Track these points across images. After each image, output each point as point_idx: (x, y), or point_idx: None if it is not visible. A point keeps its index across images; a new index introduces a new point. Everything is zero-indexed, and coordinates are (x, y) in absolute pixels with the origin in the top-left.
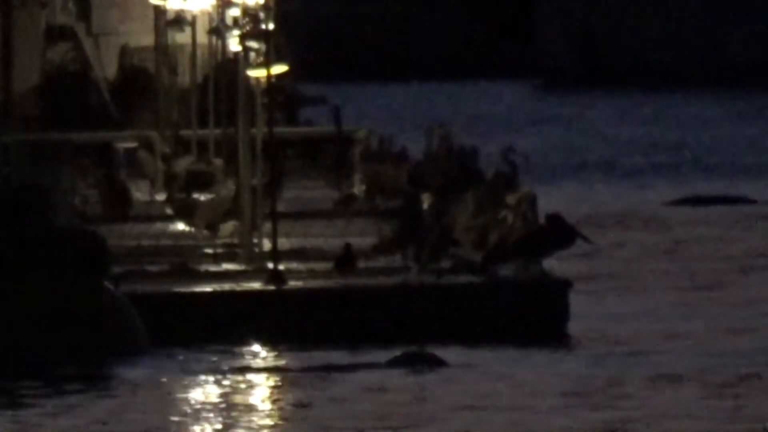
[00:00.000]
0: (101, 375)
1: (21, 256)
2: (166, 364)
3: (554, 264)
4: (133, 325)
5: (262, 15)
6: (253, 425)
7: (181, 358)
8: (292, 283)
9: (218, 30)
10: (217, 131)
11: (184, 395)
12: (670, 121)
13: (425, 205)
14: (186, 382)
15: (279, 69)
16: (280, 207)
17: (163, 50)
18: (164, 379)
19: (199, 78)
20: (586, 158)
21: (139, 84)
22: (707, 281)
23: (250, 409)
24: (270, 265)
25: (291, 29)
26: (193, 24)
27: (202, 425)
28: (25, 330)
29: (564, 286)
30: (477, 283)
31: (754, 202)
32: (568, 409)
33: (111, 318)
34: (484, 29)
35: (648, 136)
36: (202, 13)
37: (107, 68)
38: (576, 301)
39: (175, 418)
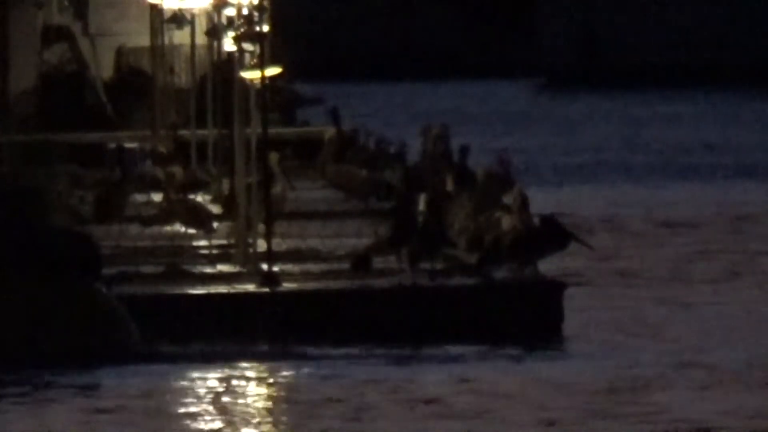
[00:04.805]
0: (92, 378)
1: (12, 257)
2: (157, 366)
3: (549, 266)
4: (125, 328)
5: (256, 16)
6: (246, 428)
7: (173, 360)
8: (286, 285)
9: (215, 30)
10: (216, 132)
11: (177, 397)
12: (672, 121)
13: (421, 206)
14: (178, 385)
15: (273, 71)
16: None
17: (159, 50)
18: (156, 382)
19: (197, 78)
20: (587, 158)
21: (136, 84)
22: (705, 282)
23: (244, 411)
24: (264, 267)
25: (289, 29)
26: (192, 23)
27: (194, 428)
28: (16, 332)
29: (558, 287)
30: (471, 284)
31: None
32: (563, 411)
33: (102, 320)
34: (484, 28)
35: (649, 136)
36: (201, 12)
37: (104, 69)
38: (570, 303)
39: (168, 421)
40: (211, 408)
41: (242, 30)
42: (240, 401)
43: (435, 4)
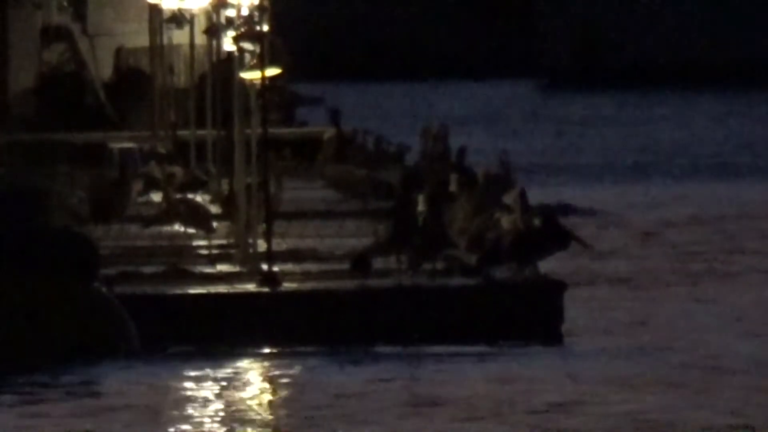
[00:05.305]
0: (92, 378)
1: (12, 257)
2: (158, 366)
3: (549, 266)
4: (124, 327)
5: (256, 16)
6: (246, 428)
7: (173, 360)
8: (287, 285)
9: (214, 30)
10: (215, 132)
11: (177, 397)
12: (671, 120)
13: (421, 206)
14: (178, 385)
15: (272, 71)
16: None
17: (159, 50)
18: (156, 381)
19: (196, 78)
20: (586, 158)
21: (135, 84)
22: (705, 282)
23: (244, 411)
24: (265, 267)
25: (288, 29)
26: (191, 23)
27: (194, 428)
28: (15, 332)
29: (559, 287)
30: (471, 285)
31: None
32: (563, 410)
33: (102, 320)
34: (485, 28)
35: (649, 136)
36: (200, 12)
37: (103, 69)
38: (570, 303)
39: (168, 421)
40: (211, 408)
41: (242, 30)
42: (240, 401)
43: (435, 5)
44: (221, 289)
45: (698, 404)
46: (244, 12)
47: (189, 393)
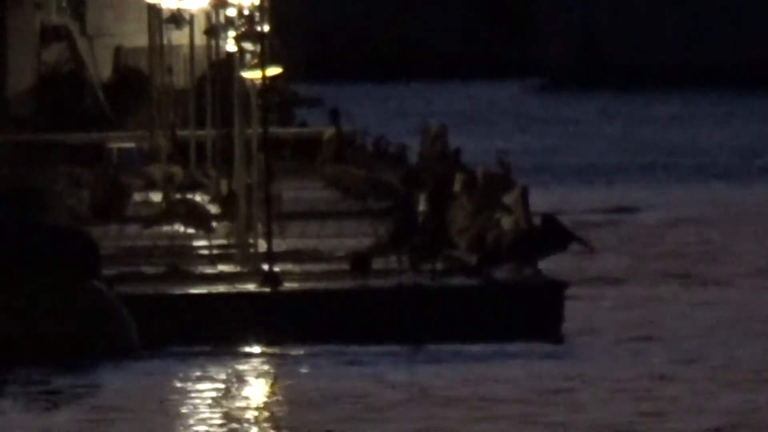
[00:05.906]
0: (92, 378)
1: (12, 255)
2: (159, 366)
3: (549, 266)
4: (124, 327)
5: (257, 16)
6: (247, 427)
7: (175, 360)
8: (288, 285)
9: (214, 30)
10: (215, 132)
11: (177, 396)
12: (671, 121)
13: (421, 206)
14: (179, 384)
15: (273, 71)
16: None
17: (158, 50)
18: (157, 382)
19: (195, 78)
20: (586, 158)
21: (134, 85)
22: (705, 282)
23: (245, 410)
24: (265, 267)
25: (288, 29)
26: (190, 23)
27: (195, 427)
28: (16, 331)
29: (558, 287)
30: (472, 284)
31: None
32: (563, 409)
33: (101, 319)
34: (484, 29)
35: (649, 136)
36: (199, 12)
37: (102, 69)
38: (570, 303)
39: (168, 420)
40: (211, 407)
41: (243, 30)
42: (241, 400)
43: (435, 5)
44: (221, 289)
45: (697, 404)
46: (245, 12)
47: (189, 393)
